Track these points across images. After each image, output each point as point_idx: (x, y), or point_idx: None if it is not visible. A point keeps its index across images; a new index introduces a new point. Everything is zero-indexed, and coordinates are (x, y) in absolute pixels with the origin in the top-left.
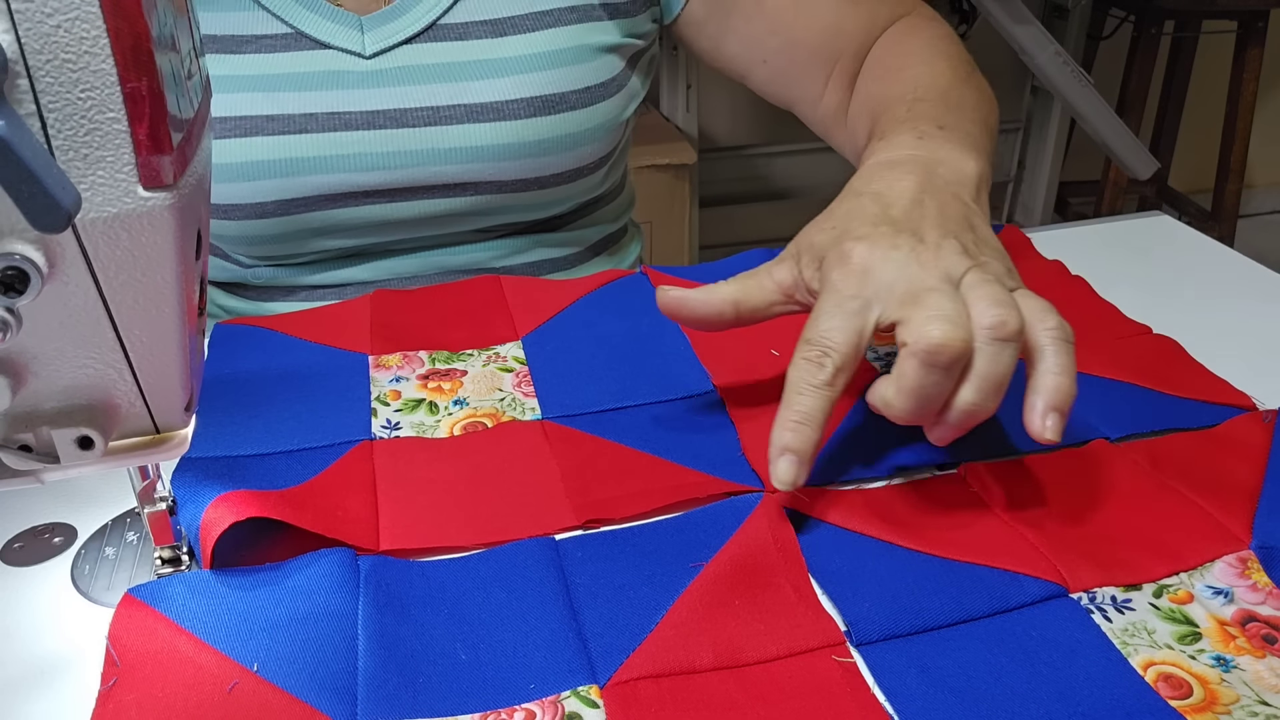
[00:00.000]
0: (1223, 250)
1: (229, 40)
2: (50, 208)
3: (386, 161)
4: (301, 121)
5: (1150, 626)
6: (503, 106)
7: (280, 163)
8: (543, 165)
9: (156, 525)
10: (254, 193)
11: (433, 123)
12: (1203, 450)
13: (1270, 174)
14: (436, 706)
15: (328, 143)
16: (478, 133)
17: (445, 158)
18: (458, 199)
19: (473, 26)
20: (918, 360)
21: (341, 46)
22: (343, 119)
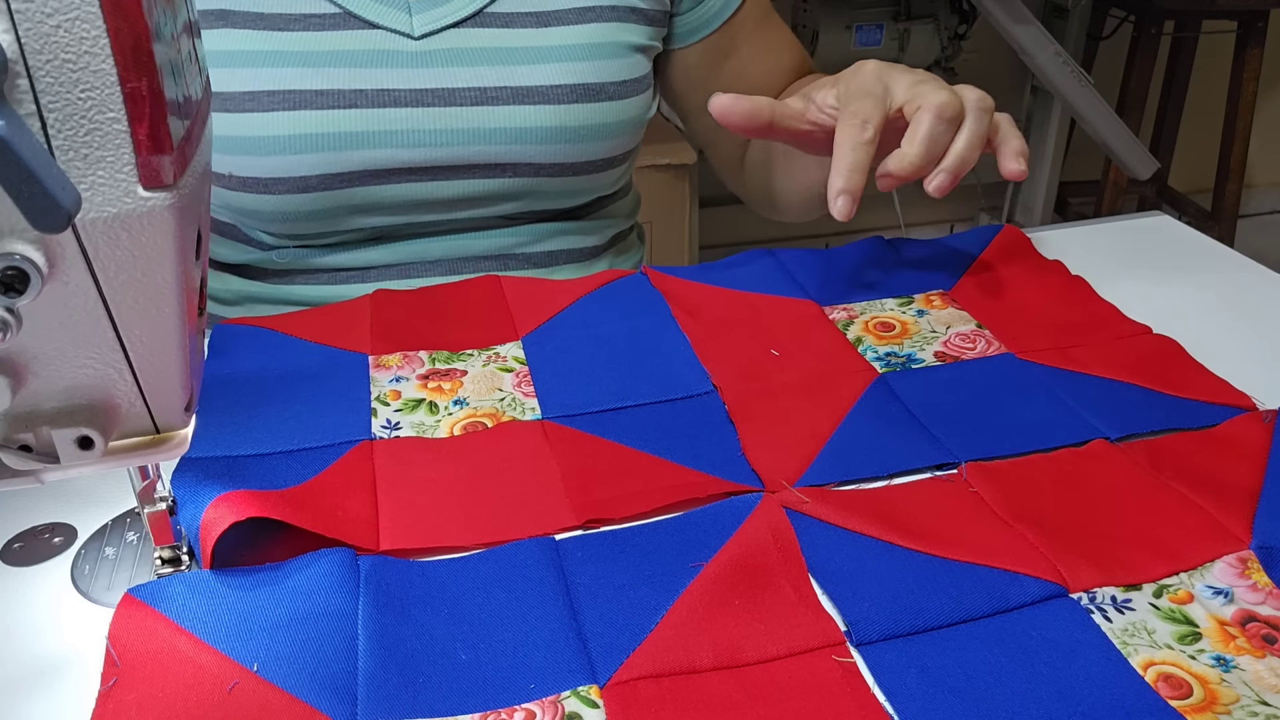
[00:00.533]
0: (1223, 250)
1: (277, 18)
2: (50, 208)
3: (433, 139)
4: (350, 97)
5: (1150, 626)
6: (548, 91)
7: (327, 136)
8: (579, 151)
9: (156, 525)
10: (298, 166)
11: (480, 103)
12: (1203, 450)
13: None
14: (436, 706)
15: (375, 119)
16: (523, 114)
17: (490, 137)
18: (495, 180)
19: (518, 16)
20: (932, 114)
21: (390, 27)
22: (391, 96)
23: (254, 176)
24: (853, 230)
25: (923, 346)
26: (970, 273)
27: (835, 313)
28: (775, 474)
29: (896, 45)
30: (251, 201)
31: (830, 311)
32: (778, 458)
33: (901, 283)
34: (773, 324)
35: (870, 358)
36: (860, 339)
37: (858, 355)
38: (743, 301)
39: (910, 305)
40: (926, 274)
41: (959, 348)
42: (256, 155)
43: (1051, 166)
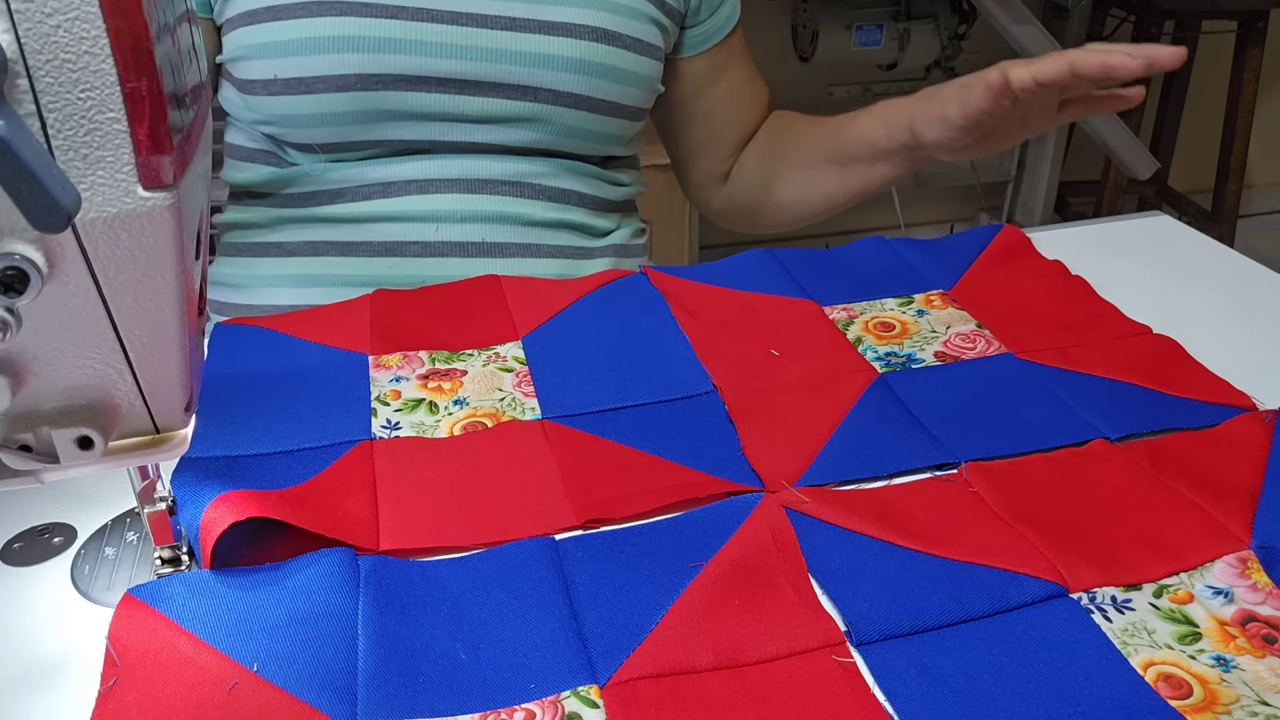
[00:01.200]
0: (1223, 250)
1: None
2: (50, 208)
3: (465, 54)
4: (392, 10)
5: (1150, 626)
6: (571, 27)
7: (368, 39)
8: (595, 86)
9: (156, 525)
10: (339, 65)
11: (509, 29)
12: (1203, 450)
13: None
14: (436, 706)
15: (414, 30)
16: (546, 43)
17: (515, 59)
18: (516, 103)
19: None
20: None
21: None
22: (428, 13)
23: (297, 77)
24: (853, 230)
25: (923, 346)
26: (970, 273)
27: (835, 313)
28: (775, 474)
29: (896, 45)
30: (291, 104)
31: (830, 311)
32: (778, 458)
33: (901, 283)
34: (773, 324)
35: (870, 358)
36: (860, 339)
37: (858, 355)
38: (743, 301)
39: (910, 305)
40: (926, 274)
41: (959, 348)
42: (301, 55)
43: (1051, 166)
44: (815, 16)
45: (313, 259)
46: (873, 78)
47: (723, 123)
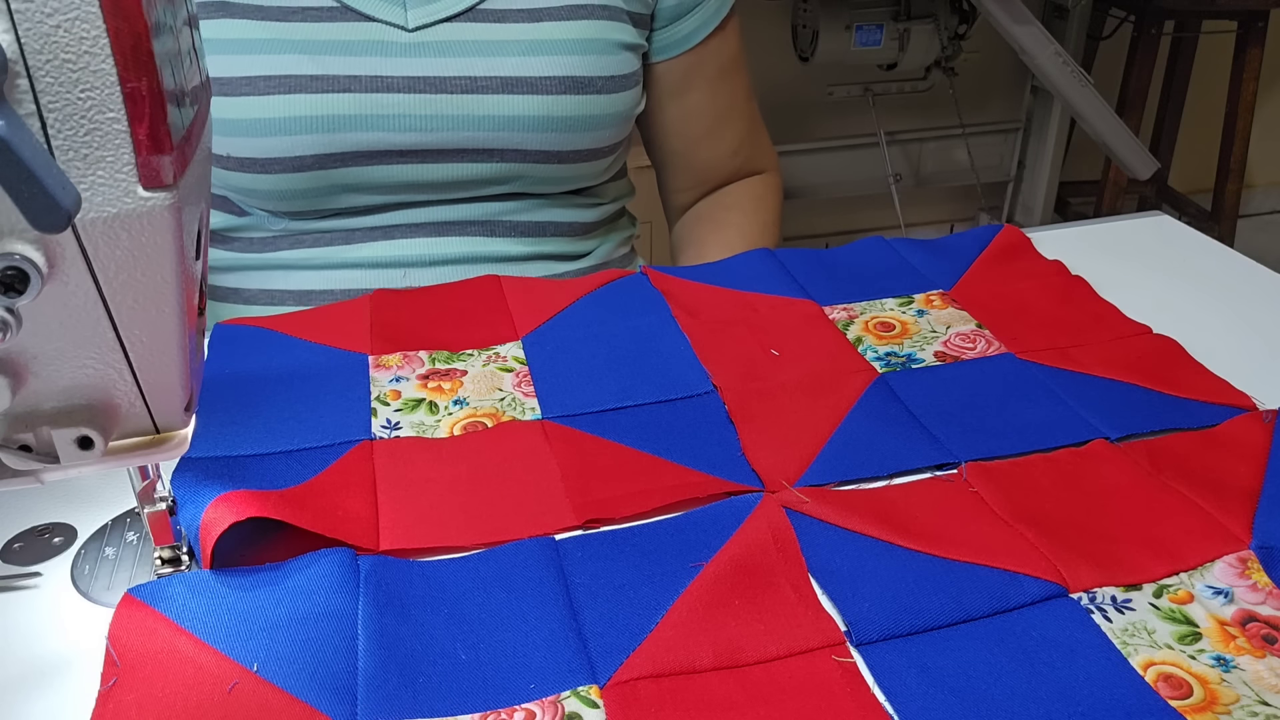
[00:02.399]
0: (1223, 250)
1: (275, 10)
2: (50, 208)
3: (424, 124)
4: (345, 82)
5: (1150, 626)
6: (536, 82)
7: (322, 119)
8: (566, 140)
9: (156, 525)
10: (293, 146)
11: (470, 90)
12: (1203, 450)
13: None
14: (436, 706)
15: (369, 103)
16: (511, 103)
17: (479, 124)
18: (483, 165)
19: (510, 12)
20: None
21: (385, 19)
22: (384, 82)
23: (250, 157)
24: (853, 230)
25: (923, 346)
26: (970, 273)
27: (835, 313)
28: (775, 474)
29: (896, 45)
30: (248, 180)
31: (830, 311)
32: (778, 458)
33: (901, 283)
34: (773, 324)
35: (870, 358)
36: (860, 339)
37: (858, 355)
38: (743, 301)
39: (910, 305)
40: (926, 274)
41: (959, 348)
42: (253, 136)
43: (1051, 166)
44: (815, 16)
45: (269, 307)
46: (873, 78)
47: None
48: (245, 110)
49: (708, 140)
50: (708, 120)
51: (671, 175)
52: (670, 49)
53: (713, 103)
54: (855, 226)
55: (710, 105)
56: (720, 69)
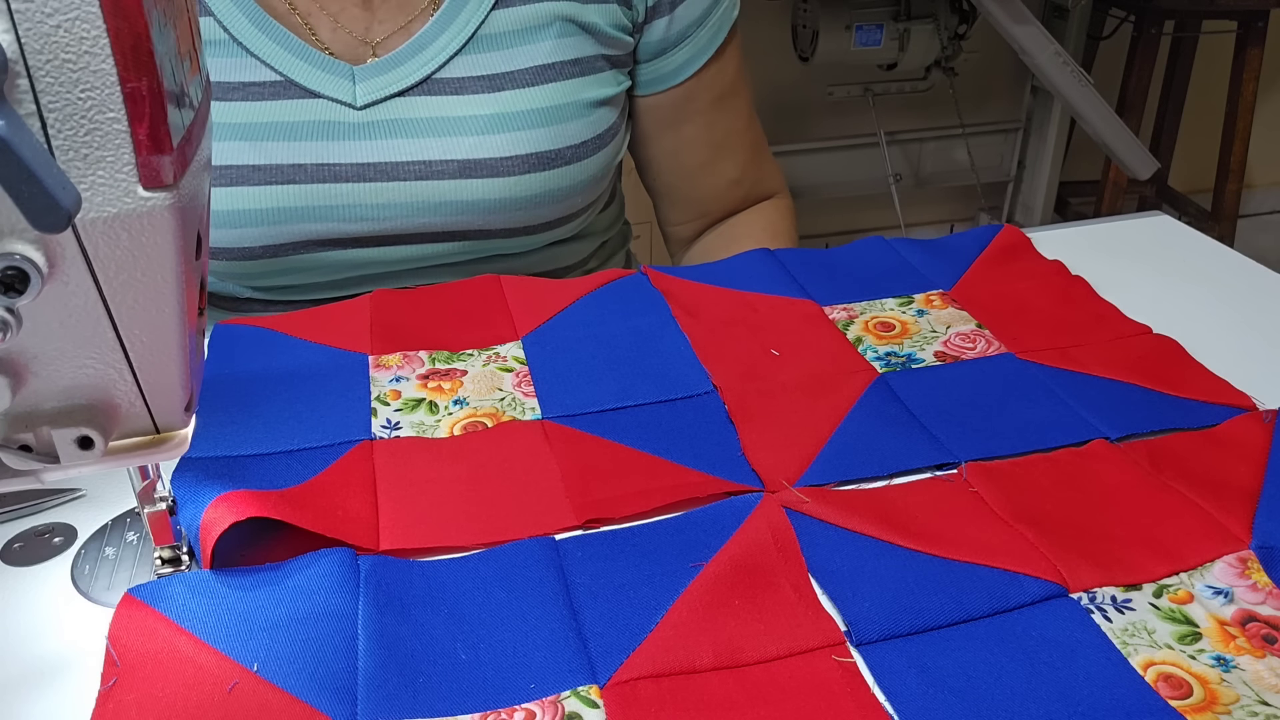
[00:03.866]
0: (1223, 250)
1: (216, 87)
2: (50, 208)
3: (375, 213)
4: (290, 172)
5: (1150, 626)
6: (497, 163)
7: (267, 211)
8: (532, 216)
9: (156, 525)
10: (240, 238)
11: (424, 176)
12: (1203, 450)
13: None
14: (436, 706)
15: (316, 193)
16: (470, 188)
17: (435, 210)
18: (443, 245)
19: (469, 81)
20: None
21: (332, 96)
22: (332, 170)
23: None
24: (853, 230)
25: (923, 346)
26: (970, 273)
27: (835, 313)
28: (775, 474)
29: (896, 45)
30: None
31: (830, 311)
32: (778, 458)
33: (901, 283)
34: (773, 324)
35: (870, 357)
36: (860, 339)
37: (858, 355)
38: (743, 301)
39: (910, 305)
40: (926, 274)
41: (959, 348)
42: None
43: (1051, 166)
44: (815, 16)
45: None
46: (873, 78)
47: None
48: None
49: (705, 173)
50: (704, 152)
51: (669, 208)
52: (659, 83)
53: (709, 133)
54: (855, 226)
55: (707, 136)
56: (716, 98)
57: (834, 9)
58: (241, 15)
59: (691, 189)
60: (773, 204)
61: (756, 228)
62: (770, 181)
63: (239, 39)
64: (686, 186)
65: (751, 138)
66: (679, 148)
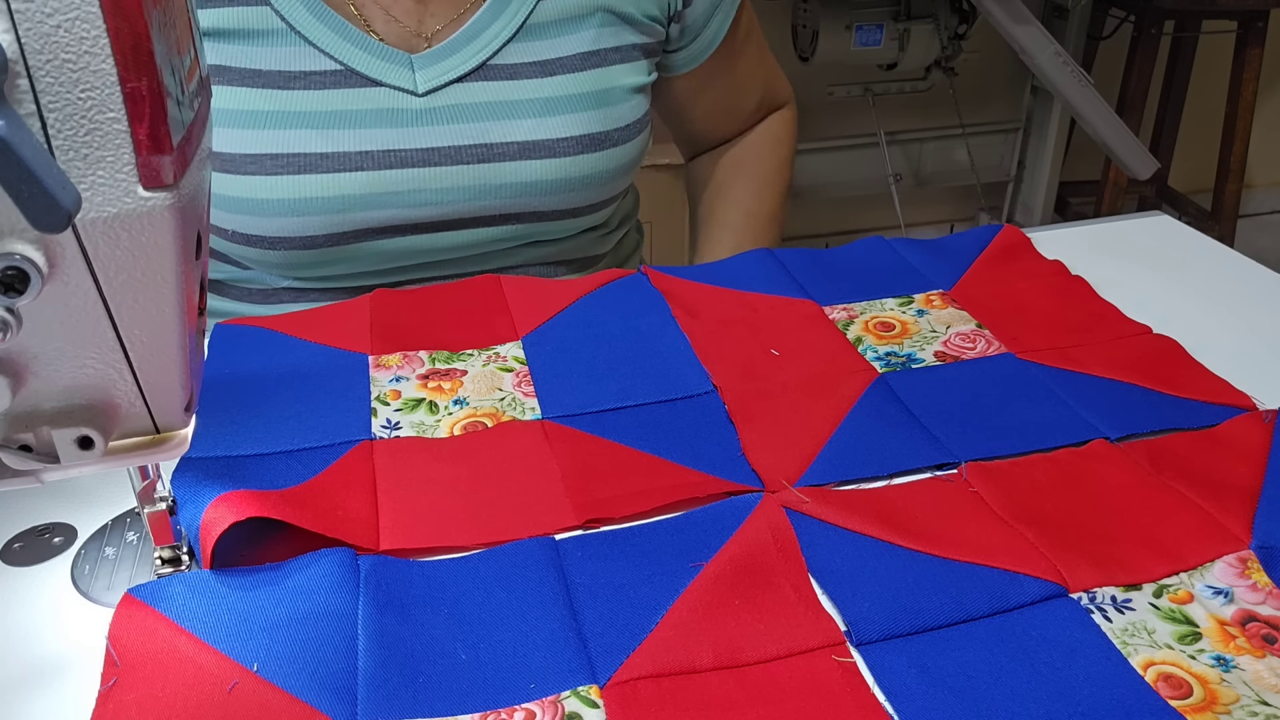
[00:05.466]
0: (1223, 250)
1: (275, 76)
2: (50, 208)
3: (439, 197)
4: (356, 159)
5: (1150, 626)
6: (554, 144)
7: (334, 199)
8: (584, 197)
9: (156, 525)
10: (304, 227)
11: (486, 159)
12: (1203, 450)
13: (1270, 174)
14: (436, 706)
15: (382, 180)
16: (529, 169)
17: (497, 193)
18: (500, 229)
19: (522, 67)
20: None
21: (394, 84)
22: (397, 156)
23: (257, 234)
24: (853, 230)
25: (923, 346)
26: (970, 273)
27: (835, 313)
28: (775, 474)
29: (896, 45)
30: (252, 255)
31: (830, 311)
32: (778, 458)
33: (901, 283)
34: (773, 324)
35: (870, 357)
36: (860, 339)
37: (858, 355)
38: (743, 301)
39: (910, 305)
40: (926, 274)
41: (959, 348)
42: (260, 216)
43: (1051, 166)
44: (815, 16)
45: None
46: (873, 78)
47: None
48: (251, 190)
49: (731, 116)
50: (730, 100)
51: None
52: (693, 60)
53: (732, 86)
54: (855, 226)
55: (731, 88)
56: (736, 52)
57: (834, 9)
58: (299, 4)
59: (716, 133)
60: (778, 116)
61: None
62: (780, 93)
63: (297, 28)
64: (715, 134)
65: (764, 68)
66: (709, 110)
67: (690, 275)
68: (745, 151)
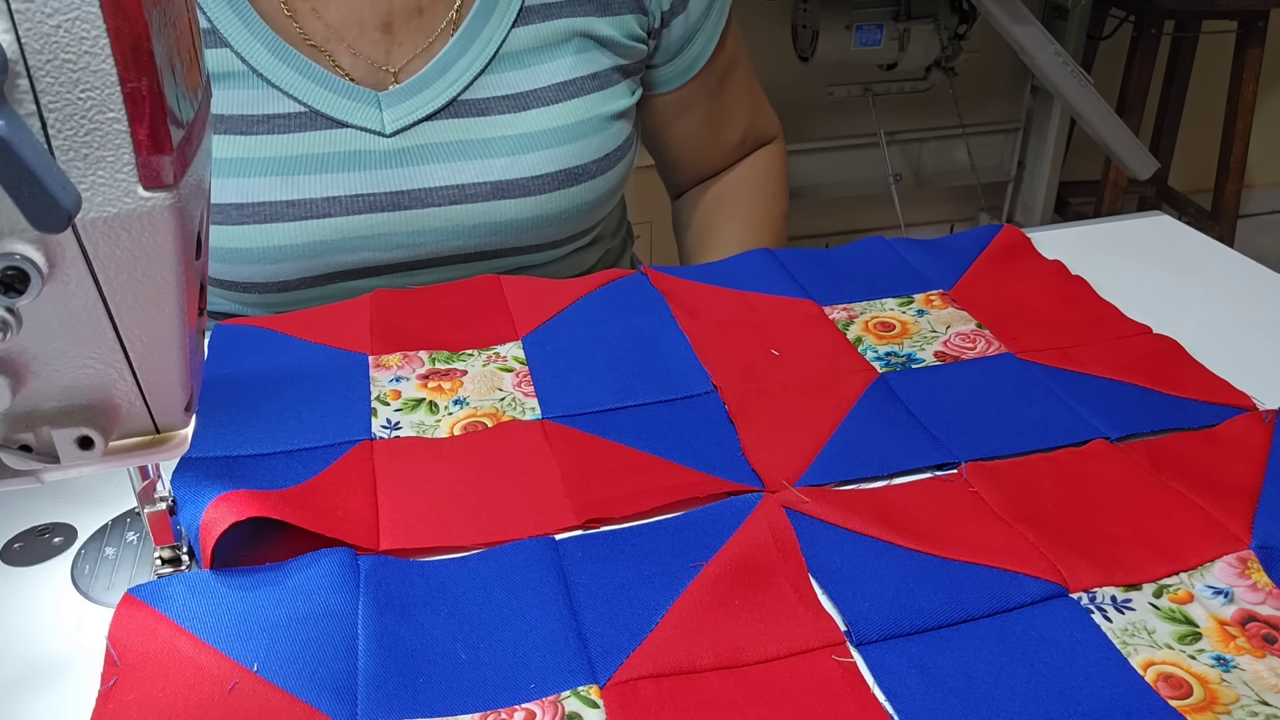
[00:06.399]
0: (1223, 250)
1: (239, 120)
2: (50, 208)
3: (411, 239)
4: (324, 205)
5: (1150, 626)
6: (528, 183)
7: (303, 246)
8: (561, 231)
9: (156, 525)
10: (276, 273)
11: (458, 201)
12: (1203, 450)
13: (1270, 174)
14: (436, 706)
15: (351, 225)
16: (503, 209)
17: (470, 234)
18: (475, 265)
19: (494, 101)
20: None
21: (360, 125)
22: (366, 201)
23: (230, 280)
24: (853, 230)
25: (923, 346)
26: (970, 273)
27: (835, 313)
28: (775, 474)
29: (896, 45)
30: (231, 296)
31: (830, 311)
32: (778, 458)
33: (901, 283)
34: (773, 324)
35: (870, 357)
36: (860, 339)
37: (858, 355)
38: (743, 301)
39: (910, 305)
40: (926, 274)
41: (959, 348)
42: (230, 264)
43: (1051, 166)
44: (815, 16)
45: None
46: (873, 77)
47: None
48: (218, 239)
49: (712, 145)
50: (713, 128)
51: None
52: (676, 79)
53: (716, 111)
54: (855, 226)
55: (713, 114)
56: (722, 77)
57: (834, 9)
58: (260, 45)
59: (700, 160)
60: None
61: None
62: (768, 128)
63: (259, 70)
64: (696, 161)
65: (752, 98)
66: (690, 130)
67: (690, 275)
68: (733, 188)
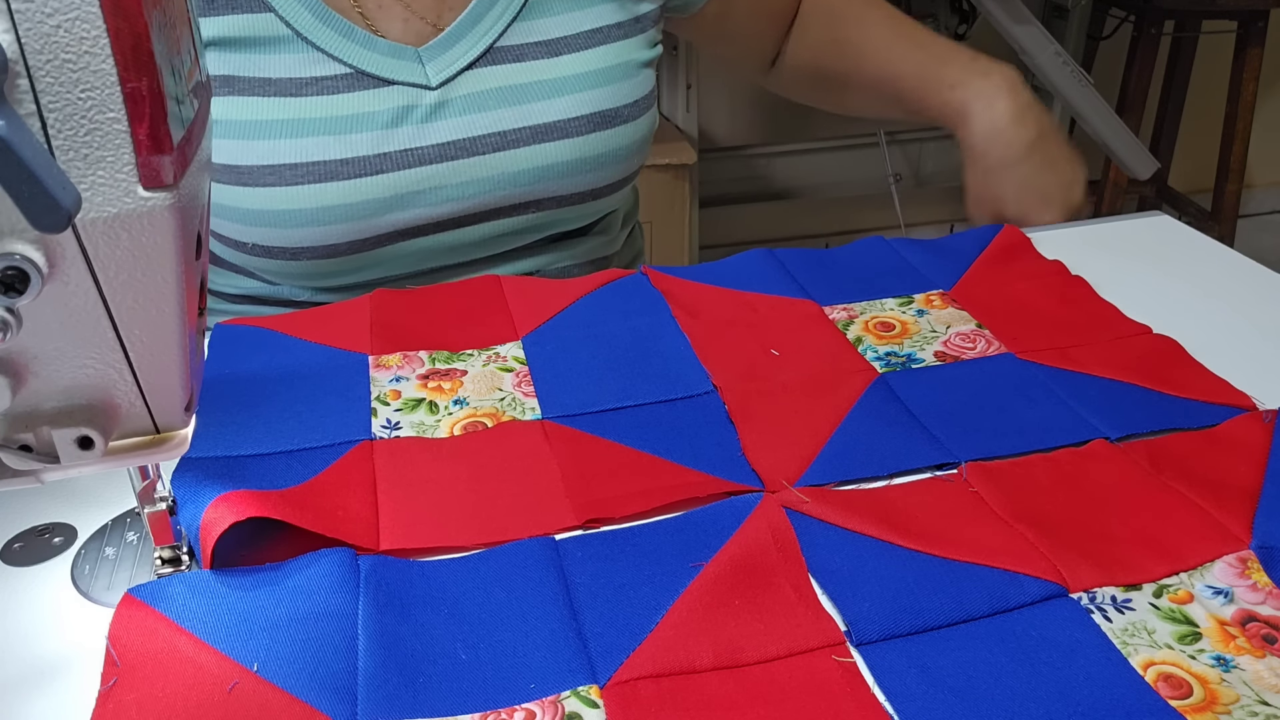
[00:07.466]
0: (1223, 250)
1: (286, 83)
2: (50, 208)
3: (460, 192)
4: (376, 162)
5: (1150, 626)
6: (566, 125)
7: (356, 206)
8: (598, 177)
9: (156, 525)
10: (327, 236)
11: (501, 147)
12: (1203, 450)
13: (1270, 174)
14: (436, 706)
15: (402, 181)
16: (544, 152)
17: (514, 180)
18: (519, 218)
19: (528, 48)
20: None
21: (406, 81)
22: (415, 155)
23: (279, 246)
24: (853, 230)
25: (923, 346)
26: (970, 273)
27: (835, 313)
28: (775, 474)
29: None
30: (276, 266)
31: (830, 311)
32: (778, 458)
33: (901, 283)
34: (773, 324)
35: (870, 357)
36: (860, 339)
37: (858, 355)
38: (743, 301)
39: (910, 305)
40: (926, 274)
41: (959, 348)
42: (282, 228)
43: None
44: None
45: None
46: None
47: (747, 42)
48: (270, 201)
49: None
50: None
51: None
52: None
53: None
54: (855, 226)
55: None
56: None
57: None
58: (304, 9)
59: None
60: None
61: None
62: None
63: (303, 33)
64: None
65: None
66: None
67: (690, 275)
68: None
